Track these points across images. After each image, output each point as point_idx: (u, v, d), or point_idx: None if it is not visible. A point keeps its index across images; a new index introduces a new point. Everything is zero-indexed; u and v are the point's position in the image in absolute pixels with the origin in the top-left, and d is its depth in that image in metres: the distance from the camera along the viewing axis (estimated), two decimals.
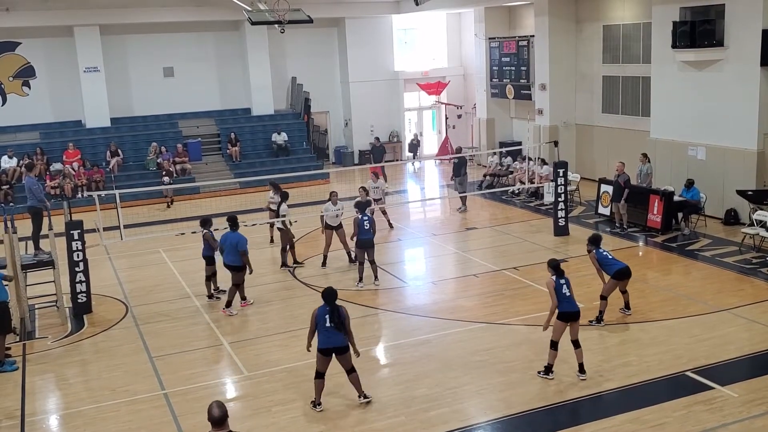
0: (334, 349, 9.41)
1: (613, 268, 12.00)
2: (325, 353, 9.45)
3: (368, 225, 14.25)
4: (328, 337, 9.36)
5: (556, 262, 10.40)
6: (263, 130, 27.65)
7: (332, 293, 9.52)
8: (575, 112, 24.34)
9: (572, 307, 10.19)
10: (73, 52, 25.52)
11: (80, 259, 13.58)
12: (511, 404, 9.62)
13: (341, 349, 9.43)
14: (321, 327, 9.37)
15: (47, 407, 10.36)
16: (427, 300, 14.01)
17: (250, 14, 20.76)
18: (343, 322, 9.34)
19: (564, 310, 10.16)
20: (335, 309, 9.37)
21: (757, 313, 12.36)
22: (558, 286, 10.16)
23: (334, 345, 9.38)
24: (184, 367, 11.26)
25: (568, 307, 10.17)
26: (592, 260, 12.07)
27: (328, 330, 9.33)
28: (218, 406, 6.43)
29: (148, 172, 25.12)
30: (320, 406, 9.67)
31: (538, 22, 24.17)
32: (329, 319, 9.32)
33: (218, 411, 6.38)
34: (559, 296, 10.14)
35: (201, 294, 14.56)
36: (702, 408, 9.27)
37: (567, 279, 10.29)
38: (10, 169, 23.59)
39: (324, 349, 9.41)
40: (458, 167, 20.91)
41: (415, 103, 30.78)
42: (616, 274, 11.97)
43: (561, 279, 10.22)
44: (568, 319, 10.17)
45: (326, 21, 28.39)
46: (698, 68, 18.60)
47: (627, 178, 17.83)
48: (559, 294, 10.14)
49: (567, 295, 10.18)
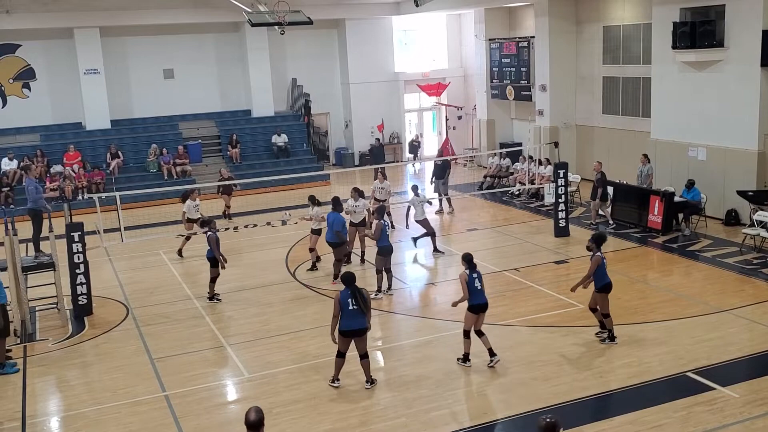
0: (356, 331, 9.87)
1: (605, 280, 11.27)
2: (346, 335, 9.91)
3: (389, 231, 14.09)
4: (352, 320, 9.81)
5: (469, 257, 10.84)
6: (263, 131, 27.66)
7: (352, 276, 10.02)
8: (575, 113, 24.35)
9: (481, 299, 10.70)
10: (73, 54, 25.54)
11: (81, 261, 13.58)
12: (511, 405, 9.62)
13: (361, 331, 9.91)
14: (345, 310, 9.78)
15: (48, 409, 10.36)
16: (427, 301, 14.00)
17: (250, 16, 20.78)
18: (366, 303, 9.83)
19: (474, 303, 10.65)
20: (357, 291, 9.82)
21: (758, 314, 12.35)
22: (470, 280, 10.63)
23: (356, 327, 9.85)
24: (185, 368, 11.26)
25: (478, 300, 10.68)
26: (594, 263, 11.20)
27: (353, 312, 9.77)
28: (256, 411, 6.45)
29: (149, 174, 25.14)
30: (338, 382, 10.19)
31: (538, 23, 24.18)
32: (353, 302, 9.76)
33: (255, 415, 6.41)
34: (471, 289, 10.61)
35: (202, 296, 14.57)
36: (703, 409, 9.26)
37: (479, 273, 10.78)
38: (10, 172, 23.60)
39: (346, 331, 9.87)
40: (442, 170, 20.87)
41: (415, 104, 30.80)
42: (605, 287, 11.27)
43: (474, 273, 10.69)
44: (477, 311, 10.69)
45: (326, 22, 28.40)
46: (698, 69, 18.60)
47: (600, 176, 18.51)
48: (471, 287, 10.61)
49: (478, 288, 10.66)
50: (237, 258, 17.33)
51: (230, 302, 14.20)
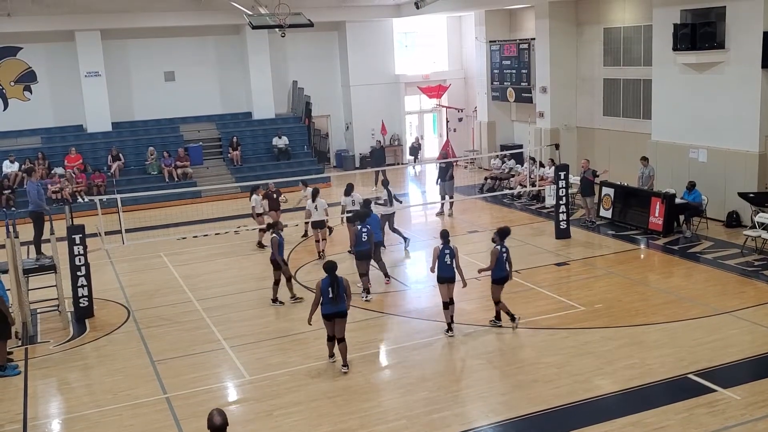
0: (336, 314, 10.64)
1: (500, 273, 11.96)
2: (328, 318, 10.72)
3: (366, 237, 13.84)
4: (331, 305, 10.59)
5: (446, 233, 12.03)
6: (264, 134, 27.68)
7: (334, 266, 10.67)
8: (576, 114, 24.34)
9: (449, 273, 11.75)
10: (75, 56, 25.57)
11: (82, 264, 13.59)
12: (512, 407, 9.61)
13: (341, 314, 10.67)
14: (325, 296, 10.53)
15: (49, 411, 10.36)
16: (428, 303, 13.97)
17: (251, 18, 20.82)
18: (344, 292, 10.55)
19: (441, 275, 11.77)
20: (336, 279, 10.52)
21: (760, 316, 12.34)
22: (441, 254, 11.72)
23: (334, 311, 10.63)
24: (186, 370, 11.26)
25: (446, 273, 11.74)
26: (493, 255, 11.87)
27: (331, 298, 10.52)
28: (219, 413, 6.38)
29: (150, 177, 25.16)
30: (333, 357, 11.05)
31: (539, 25, 24.19)
32: (332, 290, 10.50)
33: (219, 418, 6.34)
34: (440, 263, 11.74)
35: (202, 298, 14.58)
36: (704, 411, 9.25)
37: (452, 249, 11.77)
38: (11, 174, 23.62)
39: (327, 314, 10.68)
40: (445, 171, 20.88)
41: (416, 106, 30.81)
42: (500, 279, 12.01)
43: (446, 249, 11.72)
44: (444, 282, 11.82)
45: (327, 25, 28.44)
46: (699, 71, 18.61)
47: (591, 173, 18.75)
48: (441, 261, 11.72)
49: (447, 263, 11.72)
50: (238, 260, 17.35)
51: (231, 304, 14.19)
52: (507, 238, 12.11)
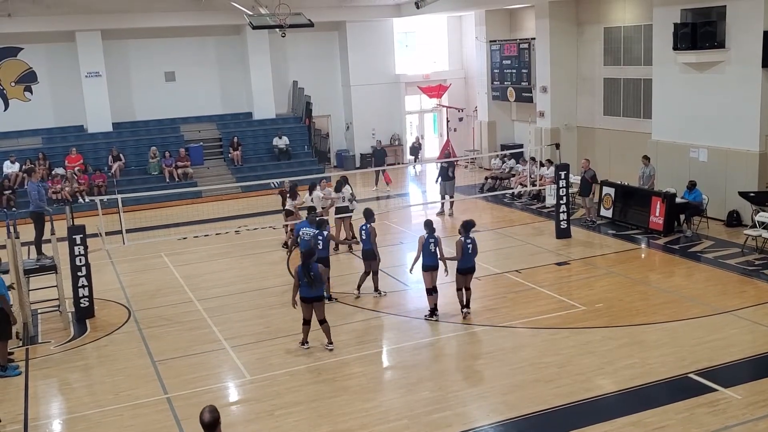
0: (311, 299, 11.32)
1: (464, 263, 12.46)
2: (305, 301, 11.37)
3: (365, 235, 13.75)
4: (306, 289, 11.27)
5: (430, 222, 12.61)
6: (265, 134, 27.69)
7: (310, 253, 11.40)
8: (576, 114, 24.34)
9: (433, 261, 12.31)
10: (75, 57, 25.57)
11: (83, 264, 13.60)
12: (513, 407, 9.61)
13: (316, 299, 11.35)
14: (301, 282, 11.22)
15: (50, 412, 10.37)
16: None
17: (251, 18, 20.84)
18: (316, 278, 11.16)
19: (427, 263, 12.30)
20: (308, 267, 11.18)
21: (760, 315, 12.34)
22: (426, 243, 12.26)
23: (310, 295, 11.29)
24: (187, 371, 11.26)
25: (430, 261, 12.31)
26: (458, 246, 12.39)
27: (306, 283, 11.20)
28: (210, 411, 6.33)
29: (150, 177, 25.17)
30: (307, 344, 11.61)
31: (539, 24, 24.19)
32: (304, 275, 11.16)
33: (208, 416, 6.29)
34: (425, 251, 12.28)
35: (203, 298, 14.58)
36: (705, 410, 9.25)
37: (436, 238, 12.35)
38: (12, 174, 23.63)
39: (304, 297, 11.34)
40: (445, 170, 20.87)
41: (416, 106, 30.81)
42: (465, 270, 12.52)
43: (431, 238, 12.28)
44: (428, 270, 12.35)
45: (327, 25, 28.43)
46: (699, 70, 18.61)
47: (593, 173, 18.73)
48: (426, 249, 12.27)
49: (432, 251, 12.28)
50: (238, 260, 17.35)
51: (231, 304, 14.19)
52: (472, 230, 12.58)
